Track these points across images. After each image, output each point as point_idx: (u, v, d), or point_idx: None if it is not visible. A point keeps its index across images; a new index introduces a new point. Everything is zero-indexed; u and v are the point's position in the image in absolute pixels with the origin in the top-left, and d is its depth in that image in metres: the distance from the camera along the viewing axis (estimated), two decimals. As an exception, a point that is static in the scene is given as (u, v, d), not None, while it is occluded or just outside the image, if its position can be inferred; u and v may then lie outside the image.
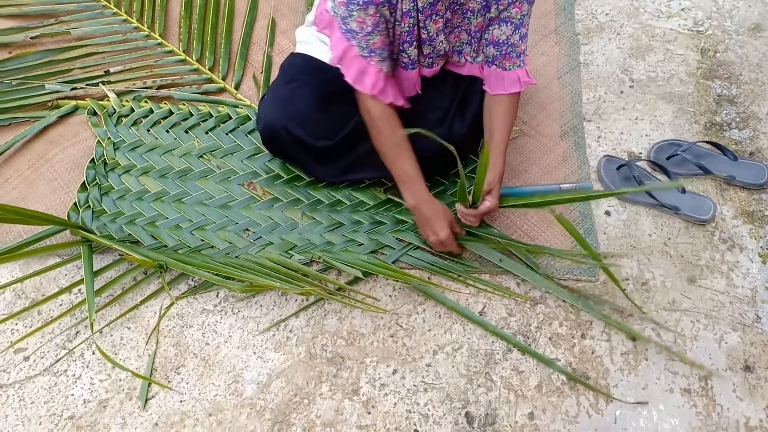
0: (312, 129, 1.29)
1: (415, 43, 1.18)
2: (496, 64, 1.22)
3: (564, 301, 1.27)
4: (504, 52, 1.20)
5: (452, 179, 1.43)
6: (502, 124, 1.25)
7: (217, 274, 1.26)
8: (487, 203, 1.23)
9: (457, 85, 1.33)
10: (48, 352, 1.25)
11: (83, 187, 1.43)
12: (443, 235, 1.24)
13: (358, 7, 1.06)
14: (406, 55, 1.21)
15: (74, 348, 1.25)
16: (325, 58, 1.33)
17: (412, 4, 1.10)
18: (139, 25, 1.79)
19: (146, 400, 1.19)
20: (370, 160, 1.32)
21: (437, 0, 1.11)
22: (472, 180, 1.23)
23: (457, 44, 1.25)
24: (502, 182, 1.28)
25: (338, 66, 1.19)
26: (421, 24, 1.15)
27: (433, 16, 1.14)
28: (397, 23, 1.13)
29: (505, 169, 1.28)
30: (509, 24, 1.16)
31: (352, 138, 1.33)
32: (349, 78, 1.17)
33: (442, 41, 1.21)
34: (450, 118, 1.31)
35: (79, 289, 1.33)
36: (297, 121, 1.29)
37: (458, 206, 1.28)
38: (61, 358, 1.24)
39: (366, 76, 1.16)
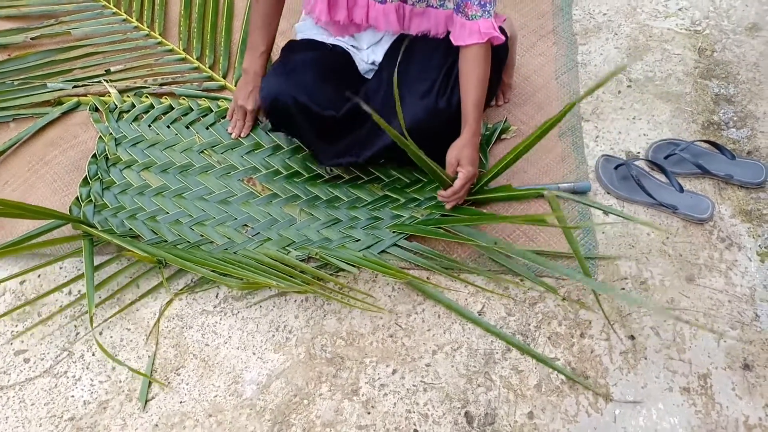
0: (318, 97, 1.28)
1: None
2: (461, 12, 1.21)
3: (564, 299, 1.28)
4: None
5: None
6: (467, 79, 1.24)
7: (214, 271, 1.26)
8: (460, 176, 1.25)
9: (447, 55, 1.30)
10: (48, 353, 1.25)
11: (85, 181, 1.44)
12: (235, 95, 1.49)
13: None
14: None
15: (74, 348, 1.25)
16: (325, 40, 1.37)
17: None
18: (139, 24, 1.79)
19: (146, 401, 1.19)
20: (369, 139, 1.31)
21: None
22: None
23: None
24: (477, 145, 1.26)
25: None
26: None
27: None
28: None
29: (480, 130, 1.27)
30: None
31: (356, 116, 1.30)
32: None
33: None
34: (436, 91, 1.28)
35: (79, 290, 1.33)
36: (303, 89, 1.28)
37: (438, 193, 1.29)
38: (61, 360, 1.25)
39: None
